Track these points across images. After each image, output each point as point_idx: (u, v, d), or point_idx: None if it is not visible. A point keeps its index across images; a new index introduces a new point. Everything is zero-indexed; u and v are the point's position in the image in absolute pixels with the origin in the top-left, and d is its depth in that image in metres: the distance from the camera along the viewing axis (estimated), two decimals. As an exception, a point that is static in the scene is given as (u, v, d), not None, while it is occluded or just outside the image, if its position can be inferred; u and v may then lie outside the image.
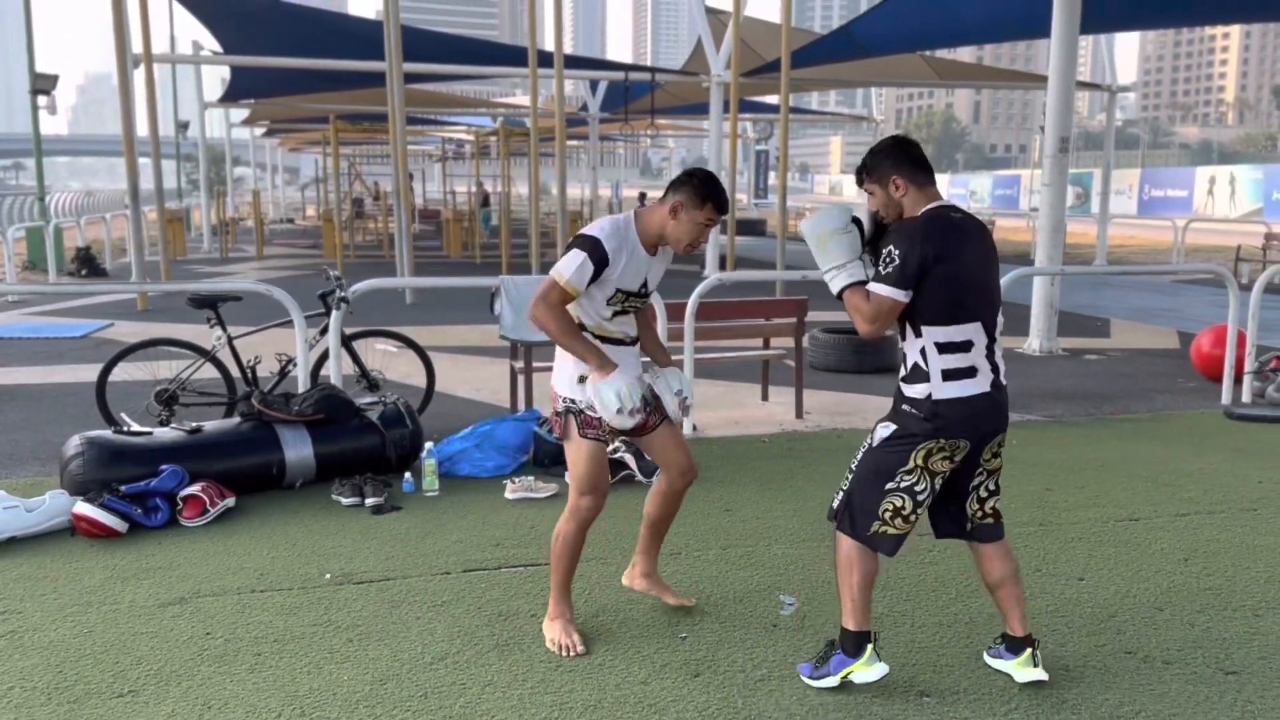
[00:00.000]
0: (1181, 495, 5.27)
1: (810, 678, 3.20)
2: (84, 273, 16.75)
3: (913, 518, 3.08)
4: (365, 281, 5.87)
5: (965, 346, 2.99)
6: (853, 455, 3.24)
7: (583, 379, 3.32)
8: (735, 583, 4.05)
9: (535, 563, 4.24)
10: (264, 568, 4.17)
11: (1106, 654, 3.45)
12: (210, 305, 5.86)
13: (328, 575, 4.09)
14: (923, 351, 2.99)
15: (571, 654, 3.37)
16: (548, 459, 5.66)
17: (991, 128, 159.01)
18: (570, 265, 3.18)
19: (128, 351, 5.86)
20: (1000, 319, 3.06)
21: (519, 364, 6.63)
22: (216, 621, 3.66)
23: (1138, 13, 13.42)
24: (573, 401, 3.34)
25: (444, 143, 29.19)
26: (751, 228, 30.60)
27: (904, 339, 3.07)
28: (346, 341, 6.07)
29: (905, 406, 3.05)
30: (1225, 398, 7.50)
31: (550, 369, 6.97)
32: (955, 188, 63.02)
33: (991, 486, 3.19)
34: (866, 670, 3.11)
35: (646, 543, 3.74)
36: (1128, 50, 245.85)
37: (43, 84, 16.70)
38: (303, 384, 5.79)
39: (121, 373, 6.19)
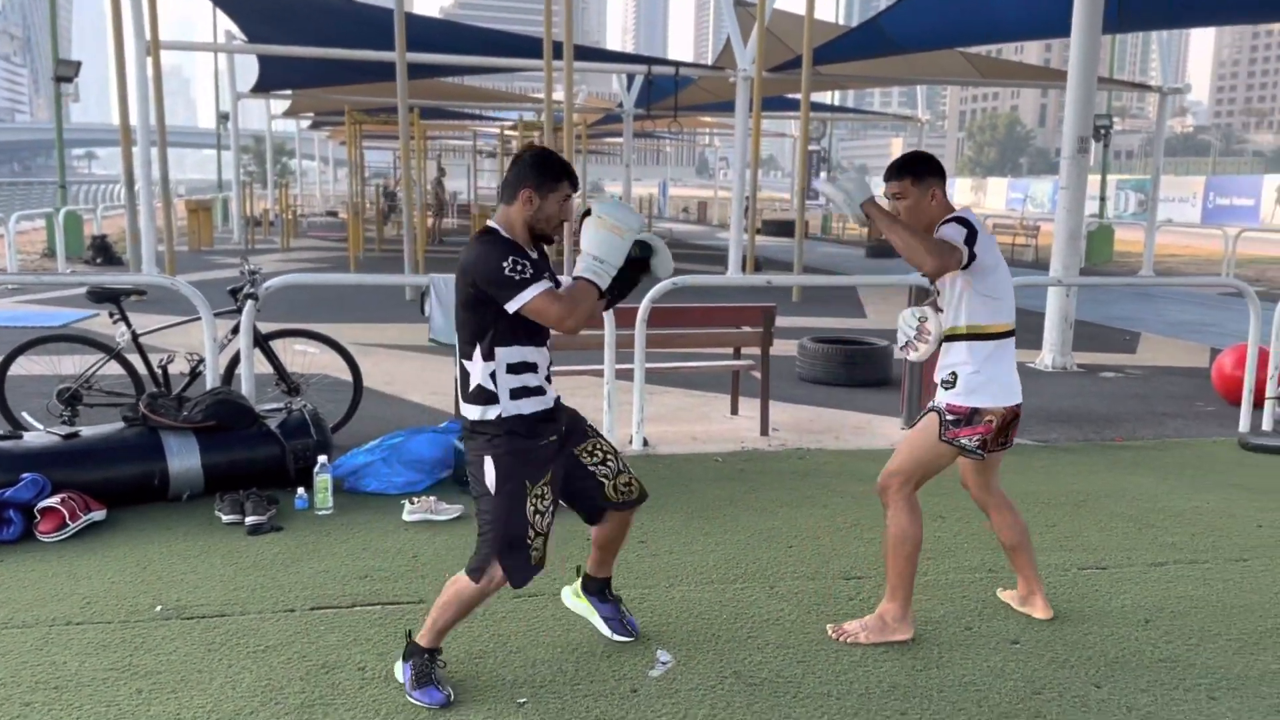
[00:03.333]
0: (1164, 540, 4.66)
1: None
2: (99, 261, 16.70)
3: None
4: (279, 278, 5.46)
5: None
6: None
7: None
8: (613, 632, 3.55)
9: (397, 600, 3.78)
10: (95, 594, 3.77)
11: (1014, 744, 2.89)
12: (112, 300, 5.49)
13: (158, 607, 3.67)
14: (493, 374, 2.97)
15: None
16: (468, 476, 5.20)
17: (1057, 131, 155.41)
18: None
19: (26, 346, 5.52)
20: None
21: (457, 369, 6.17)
22: (6, 660, 3.24)
23: (1176, 9, 12.59)
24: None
25: (475, 137, 28.91)
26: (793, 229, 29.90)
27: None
28: (262, 341, 5.66)
29: None
30: (1243, 425, 6.80)
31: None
32: (1013, 192, 61.41)
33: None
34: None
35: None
36: (1201, 53, 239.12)
37: (64, 71, 16.64)
38: (212, 385, 5.40)
39: (38, 367, 5.87)
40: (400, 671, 3.10)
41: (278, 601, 3.74)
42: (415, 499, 4.75)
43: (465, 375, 3.00)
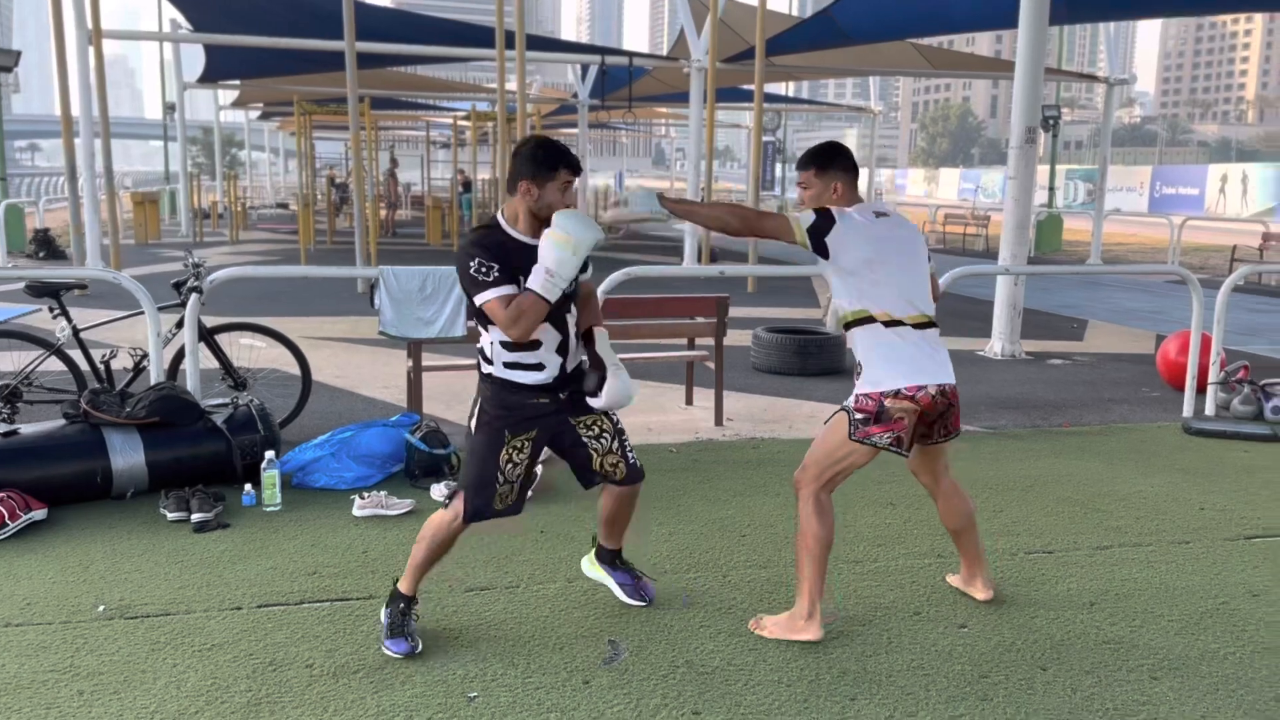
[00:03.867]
0: (1109, 523, 4.74)
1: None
2: (42, 255, 16.35)
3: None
4: (224, 271, 5.37)
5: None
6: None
7: None
8: (565, 625, 3.54)
9: (346, 596, 3.74)
10: (36, 595, 3.69)
11: (961, 727, 2.93)
12: (51, 294, 5.37)
13: (101, 607, 3.60)
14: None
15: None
16: (419, 470, 5.16)
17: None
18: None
19: (-40, 344, 5.39)
20: None
21: (410, 363, 6.11)
22: (-58, 664, 3.17)
23: (1122, 1, 12.78)
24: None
25: (428, 127, 28.67)
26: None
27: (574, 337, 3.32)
28: (208, 335, 5.57)
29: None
30: (1187, 410, 6.94)
31: (444, 369, 6.51)
32: (965, 182, 62.14)
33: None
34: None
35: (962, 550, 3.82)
36: (1148, 45, 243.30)
37: (3, 60, 16.25)
38: (156, 381, 5.30)
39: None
40: (382, 616, 3.38)
41: (224, 599, 3.69)
42: (365, 494, 4.70)
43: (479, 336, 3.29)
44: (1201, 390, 7.01)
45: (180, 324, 5.39)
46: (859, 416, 3.36)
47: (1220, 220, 30.76)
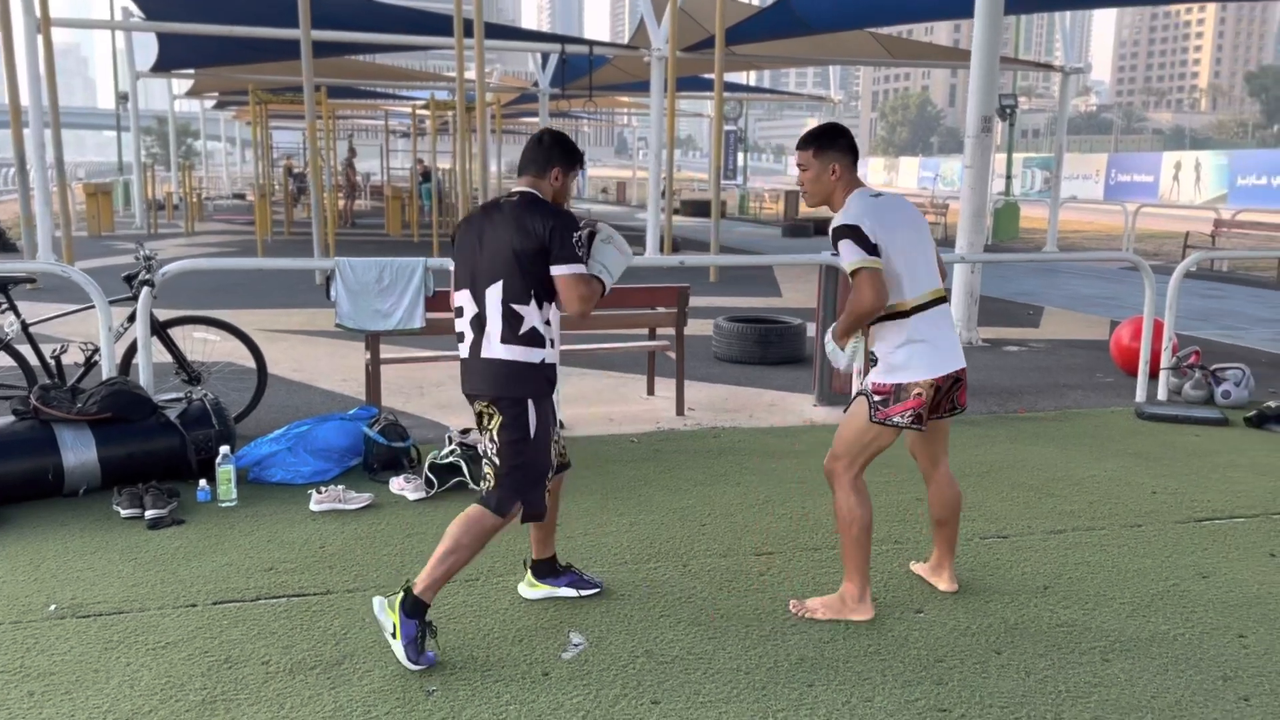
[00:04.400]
0: (1063, 508, 4.80)
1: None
2: (-8, 248, 16.03)
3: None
4: (176, 264, 5.28)
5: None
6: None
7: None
8: (525, 617, 3.54)
9: (302, 592, 3.71)
10: (-15, 596, 3.62)
11: (917, 711, 2.96)
12: (-1, 288, 5.27)
13: (52, 606, 3.54)
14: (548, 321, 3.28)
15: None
16: (378, 464, 5.12)
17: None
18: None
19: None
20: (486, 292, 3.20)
21: (368, 355, 6.06)
22: (-114, 667, 3.10)
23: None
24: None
25: (386, 117, 28.40)
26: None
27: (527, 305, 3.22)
28: (161, 329, 5.49)
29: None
30: (1140, 395, 7.05)
31: (403, 361, 6.47)
32: (925, 171, 62.64)
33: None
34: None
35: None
36: (1103, 34, 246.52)
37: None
38: (108, 375, 5.21)
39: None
40: (399, 627, 3.11)
41: (179, 596, 3.64)
42: (323, 488, 4.66)
43: (515, 318, 3.20)
44: (1154, 375, 7.13)
45: (132, 318, 5.30)
46: (877, 399, 3.41)
47: (1174, 207, 31.26)
